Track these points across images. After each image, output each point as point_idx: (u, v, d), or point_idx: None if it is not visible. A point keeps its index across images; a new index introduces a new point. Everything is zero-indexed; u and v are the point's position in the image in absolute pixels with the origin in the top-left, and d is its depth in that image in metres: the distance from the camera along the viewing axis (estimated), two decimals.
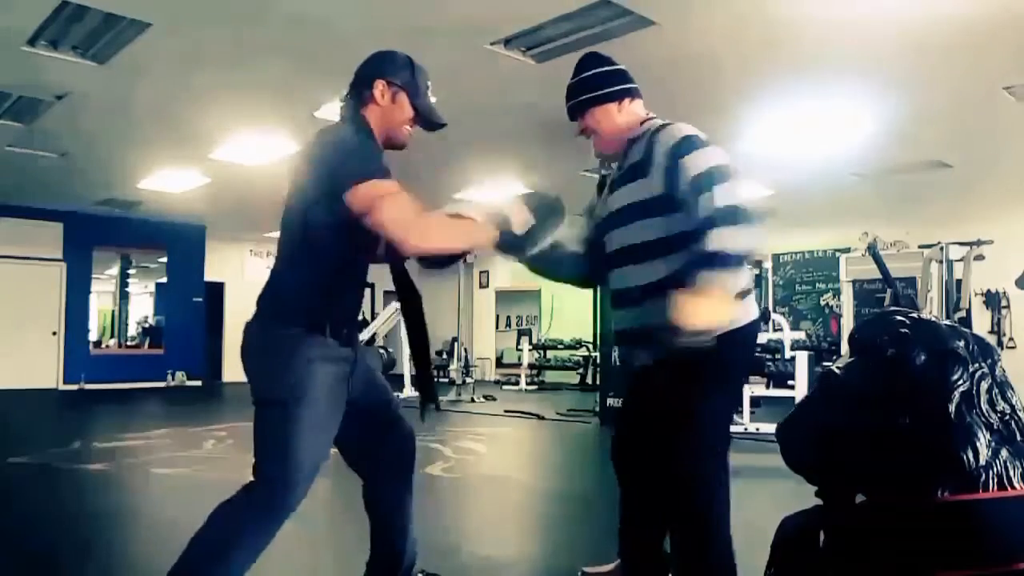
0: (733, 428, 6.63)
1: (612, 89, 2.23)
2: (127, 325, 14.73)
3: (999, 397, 1.33)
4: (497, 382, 14.96)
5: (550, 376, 15.01)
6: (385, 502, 2.24)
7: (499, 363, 16.46)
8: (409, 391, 9.97)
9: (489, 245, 1.94)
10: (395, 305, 10.55)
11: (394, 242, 1.86)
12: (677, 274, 1.99)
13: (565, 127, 2.44)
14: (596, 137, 2.29)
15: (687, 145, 2.02)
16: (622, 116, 2.23)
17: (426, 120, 2.10)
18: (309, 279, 1.94)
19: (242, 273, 14.57)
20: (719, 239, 1.87)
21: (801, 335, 9.09)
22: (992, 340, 6.55)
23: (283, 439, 1.89)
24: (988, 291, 10.67)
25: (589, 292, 8.20)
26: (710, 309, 1.86)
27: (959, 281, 7.64)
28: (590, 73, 2.26)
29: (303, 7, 4.81)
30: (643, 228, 2.12)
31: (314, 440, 1.93)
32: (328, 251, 1.95)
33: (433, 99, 2.13)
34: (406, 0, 4.72)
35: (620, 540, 2.38)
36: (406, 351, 12.72)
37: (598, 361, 9.83)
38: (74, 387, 12.14)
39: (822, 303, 12.88)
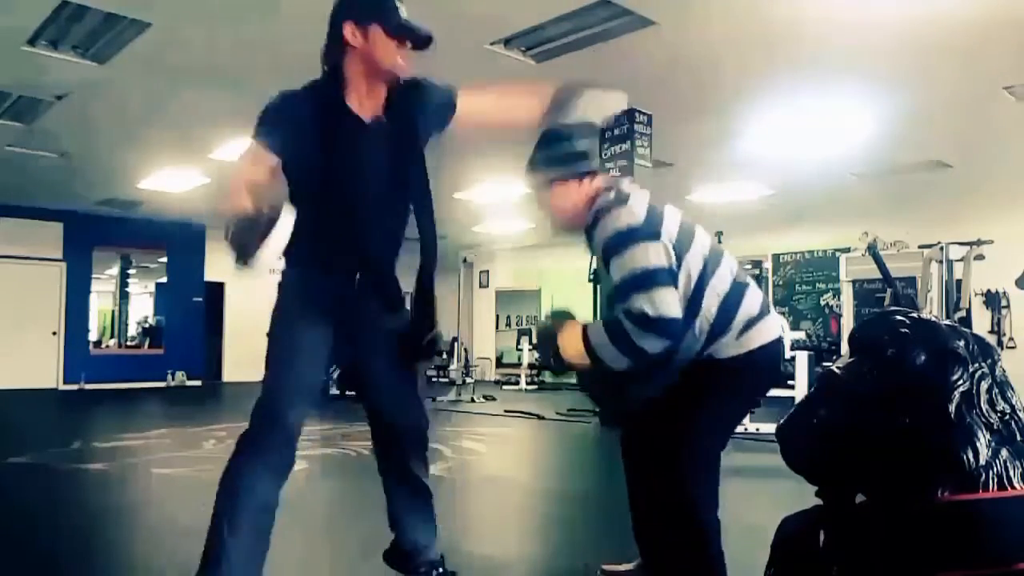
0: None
1: (574, 168, 2.30)
2: (127, 325, 14.74)
3: (999, 397, 1.33)
4: (497, 382, 14.96)
5: (550, 376, 15.00)
6: (384, 486, 2.26)
7: (499, 363, 16.45)
8: None
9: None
10: None
11: None
12: None
13: None
14: (554, 214, 2.34)
15: (614, 243, 2.07)
16: (582, 193, 2.27)
17: (412, 39, 2.02)
18: (293, 222, 1.91)
19: (242, 273, 14.54)
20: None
21: (801, 335, 9.09)
22: (992, 340, 6.54)
23: (266, 367, 1.99)
24: (988, 291, 10.66)
25: (588, 291, 8.21)
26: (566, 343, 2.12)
27: (959, 281, 7.63)
28: (551, 151, 2.35)
29: (304, 6, 4.80)
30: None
31: (289, 362, 1.97)
32: (295, 194, 2.00)
33: (404, 11, 2.04)
34: (406, 0, 4.71)
35: (636, 539, 2.39)
36: None
37: None
38: (74, 387, 12.14)
39: (822, 303, 12.87)
